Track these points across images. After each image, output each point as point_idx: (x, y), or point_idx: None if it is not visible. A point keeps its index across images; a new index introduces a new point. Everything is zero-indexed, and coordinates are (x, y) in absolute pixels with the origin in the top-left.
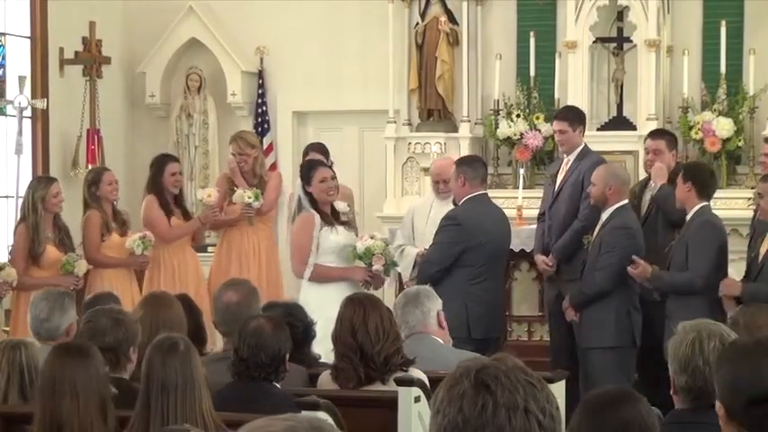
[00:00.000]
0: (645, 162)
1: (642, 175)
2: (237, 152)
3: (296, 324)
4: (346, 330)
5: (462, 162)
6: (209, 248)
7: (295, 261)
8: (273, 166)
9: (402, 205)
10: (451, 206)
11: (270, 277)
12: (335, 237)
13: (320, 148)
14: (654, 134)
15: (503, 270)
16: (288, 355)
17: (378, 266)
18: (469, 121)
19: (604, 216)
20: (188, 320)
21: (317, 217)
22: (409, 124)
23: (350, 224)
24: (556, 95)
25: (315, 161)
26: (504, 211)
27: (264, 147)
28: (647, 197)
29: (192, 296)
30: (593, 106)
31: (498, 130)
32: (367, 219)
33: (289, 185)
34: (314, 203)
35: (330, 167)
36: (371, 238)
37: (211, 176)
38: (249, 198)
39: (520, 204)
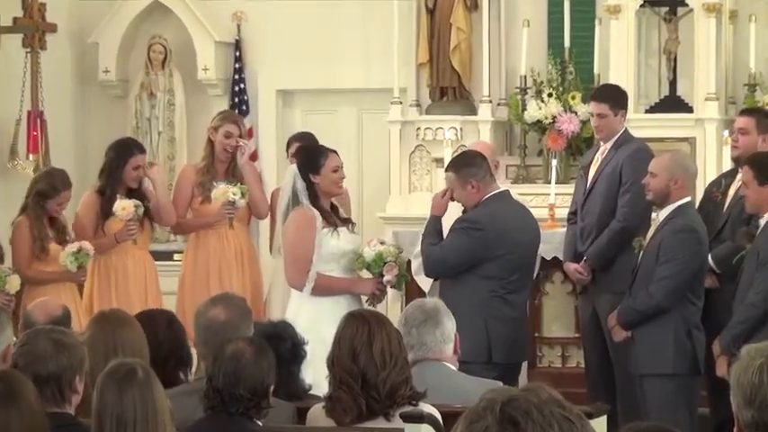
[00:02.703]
0: (731, 144)
1: (702, 165)
2: (237, 134)
3: (283, 337)
4: (346, 353)
5: (459, 165)
6: (176, 255)
7: (293, 270)
8: (254, 156)
9: (409, 203)
10: None
11: (253, 288)
12: (336, 242)
13: (305, 138)
14: (744, 111)
15: (531, 280)
16: (272, 388)
17: (390, 277)
18: (491, 101)
19: (662, 215)
20: (169, 339)
21: (319, 217)
22: (418, 105)
23: (353, 224)
24: (595, 71)
25: (321, 146)
26: (533, 210)
27: None
28: (731, 192)
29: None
30: (640, 84)
31: (526, 113)
32: (367, 220)
33: (272, 178)
34: (313, 198)
35: None
36: (381, 243)
37: (177, 167)
38: (234, 195)
39: (552, 203)
